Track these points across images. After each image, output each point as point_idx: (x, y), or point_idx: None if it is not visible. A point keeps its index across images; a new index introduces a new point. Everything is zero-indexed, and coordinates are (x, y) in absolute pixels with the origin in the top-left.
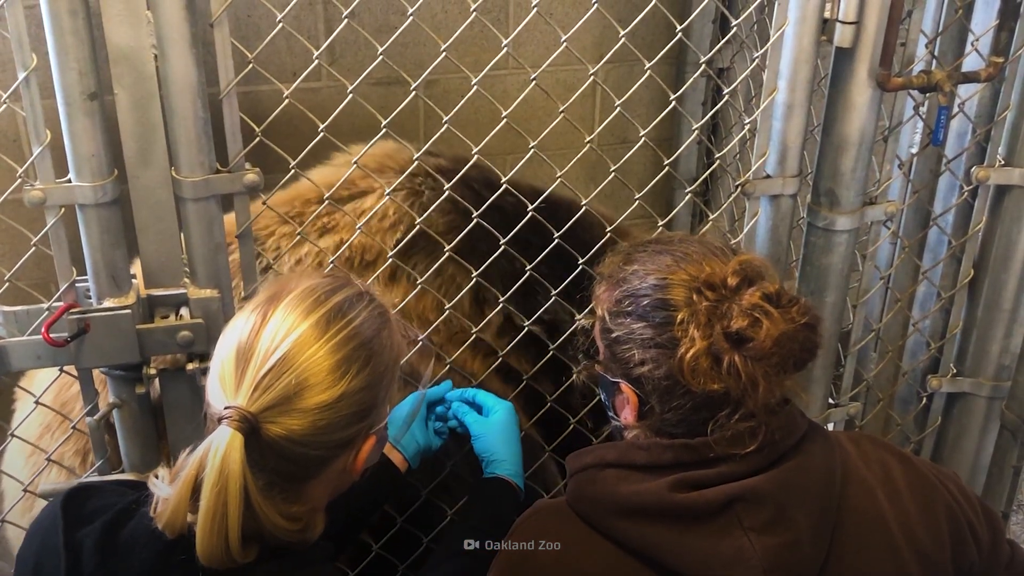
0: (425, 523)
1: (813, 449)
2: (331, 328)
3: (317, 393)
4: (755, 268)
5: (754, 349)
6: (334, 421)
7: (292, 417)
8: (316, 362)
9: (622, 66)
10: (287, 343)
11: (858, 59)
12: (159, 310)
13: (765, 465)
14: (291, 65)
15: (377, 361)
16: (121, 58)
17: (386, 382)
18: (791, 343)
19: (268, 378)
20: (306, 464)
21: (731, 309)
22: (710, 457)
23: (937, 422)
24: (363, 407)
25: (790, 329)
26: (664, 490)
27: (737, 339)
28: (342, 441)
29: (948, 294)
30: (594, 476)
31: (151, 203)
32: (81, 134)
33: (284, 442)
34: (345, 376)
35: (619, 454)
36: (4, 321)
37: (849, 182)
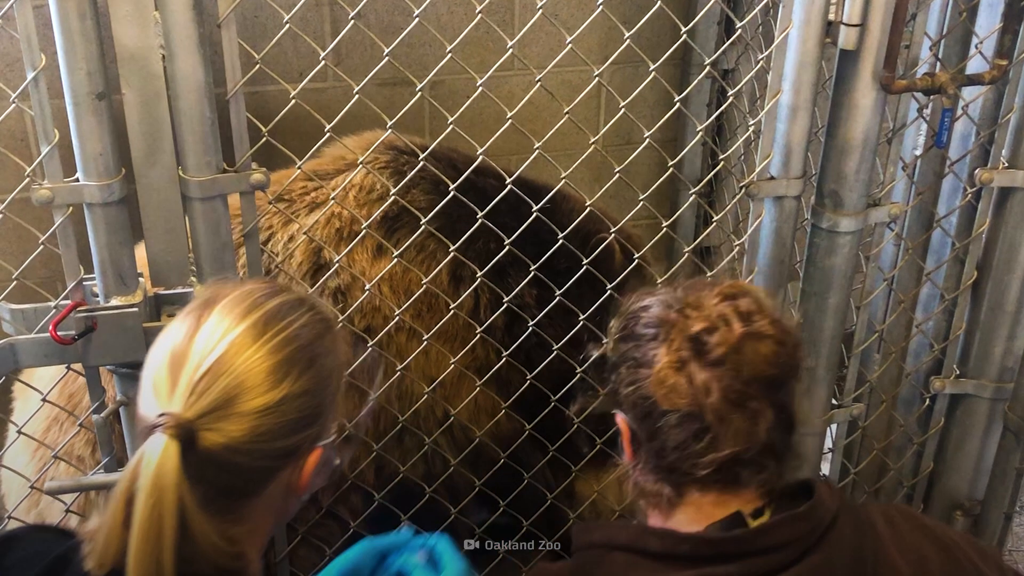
0: None
1: (842, 539)
2: (268, 330)
3: (257, 396)
4: (743, 290)
5: (710, 356)
6: (276, 427)
7: (231, 422)
8: (254, 364)
9: (627, 67)
10: (223, 345)
11: (862, 61)
12: (166, 308)
13: (789, 562)
14: (297, 65)
15: (320, 366)
16: (129, 58)
17: (331, 390)
18: (751, 354)
19: (204, 382)
20: (247, 476)
21: (697, 318)
22: (731, 553)
23: (940, 423)
24: (307, 414)
25: (749, 338)
26: None
27: (695, 344)
28: (285, 450)
29: (951, 296)
30: (601, 557)
31: (158, 202)
32: (89, 133)
33: (223, 451)
34: (286, 379)
35: (631, 538)
36: (12, 319)
37: (853, 184)
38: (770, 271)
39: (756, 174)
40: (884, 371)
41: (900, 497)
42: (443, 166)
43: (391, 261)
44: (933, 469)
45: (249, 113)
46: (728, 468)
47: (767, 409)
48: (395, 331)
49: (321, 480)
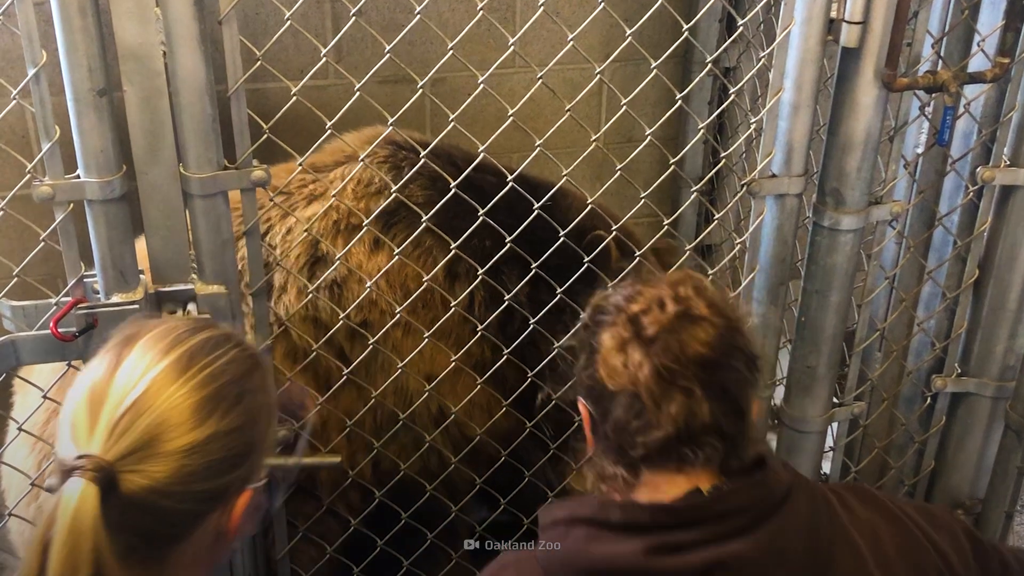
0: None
1: (798, 508)
2: (192, 367)
3: (180, 435)
4: (689, 277)
5: (644, 335)
6: (202, 467)
7: (154, 463)
8: (177, 401)
9: (628, 65)
10: (144, 382)
11: (864, 59)
12: (167, 305)
13: (747, 526)
14: (298, 63)
15: (248, 403)
16: (130, 55)
17: (260, 428)
18: (684, 335)
19: (124, 421)
20: (172, 521)
21: (638, 301)
22: (689, 520)
23: (941, 422)
24: (235, 453)
25: (682, 319)
26: (640, 554)
27: (633, 325)
28: (213, 492)
29: (953, 294)
30: (565, 534)
31: (159, 199)
32: (90, 130)
33: (146, 494)
34: (211, 416)
35: (592, 511)
36: (13, 316)
37: (854, 182)
38: (771, 269)
39: (758, 172)
40: (885, 369)
41: (901, 495)
42: (442, 162)
43: (389, 256)
44: (934, 468)
45: (250, 110)
46: (671, 448)
47: (704, 390)
48: (391, 329)
49: (251, 526)
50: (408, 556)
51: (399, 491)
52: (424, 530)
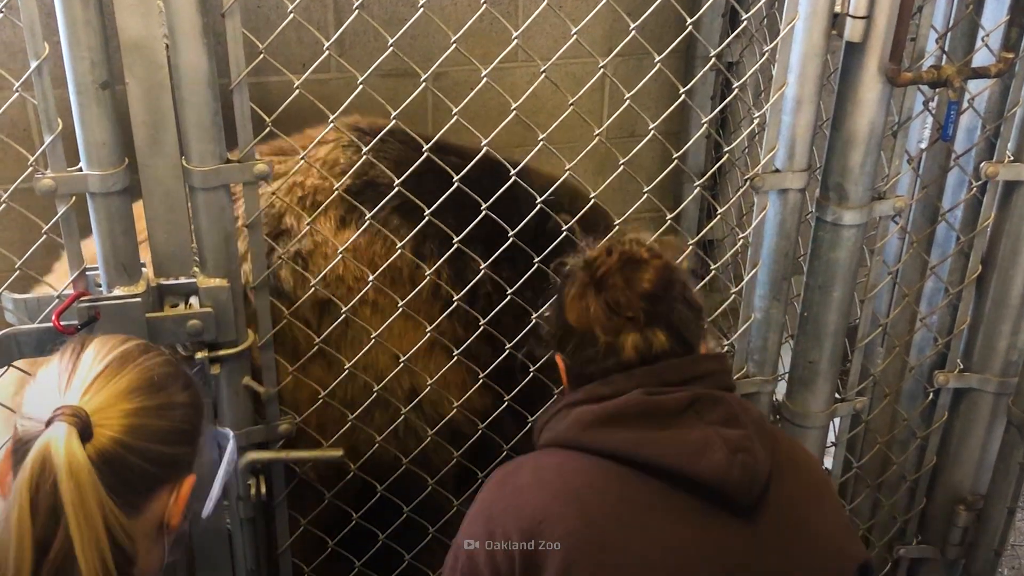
0: None
1: (747, 402)
2: (150, 351)
3: (147, 395)
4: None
5: (597, 276)
6: (163, 429)
7: (124, 417)
8: (143, 370)
9: (631, 59)
10: (113, 355)
11: (868, 54)
12: (169, 299)
13: (723, 387)
14: (300, 56)
15: (194, 390)
16: (133, 48)
17: (203, 419)
18: (629, 272)
19: (98, 381)
20: (135, 481)
21: (593, 253)
22: (667, 380)
23: (943, 418)
24: (189, 427)
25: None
26: (637, 395)
27: (588, 270)
28: (169, 459)
29: (956, 290)
30: (567, 413)
31: (161, 192)
32: (92, 123)
33: (116, 447)
34: (170, 387)
35: (587, 393)
36: (14, 308)
37: (858, 177)
38: (774, 264)
39: (761, 167)
40: (888, 365)
41: (903, 491)
42: (407, 147)
43: (357, 231)
44: (936, 463)
45: (251, 103)
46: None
47: (652, 321)
48: (359, 304)
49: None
50: (401, 544)
51: (378, 475)
52: (423, 522)
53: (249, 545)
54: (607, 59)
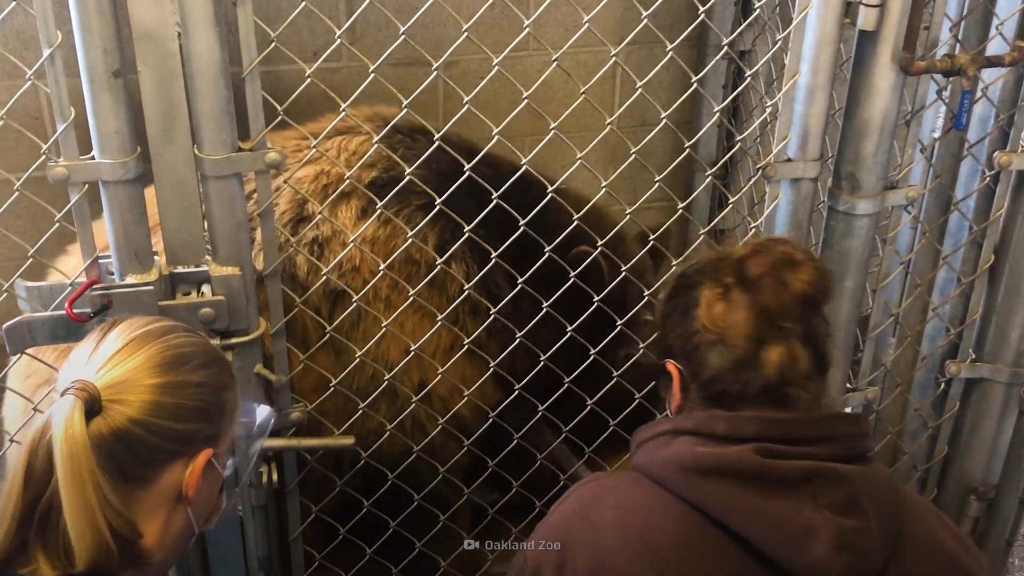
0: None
1: (879, 468)
2: (176, 331)
3: (162, 373)
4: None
5: (750, 277)
6: (175, 406)
7: (135, 393)
8: (162, 348)
9: (643, 48)
10: (136, 333)
11: (881, 42)
12: (181, 287)
13: (842, 457)
14: (311, 45)
15: (218, 370)
16: (145, 36)
17: (228, 401)
18: (788, 275)
19: (116, 357)
20: (143, 456)
21: (739, 249)
22: (791, 435)
23: (955, 408)
24: (204, 405)
25: (786, 262)
26: (749, 452)
27: (738, 269)
28: (179, 434)
29: (968, 279)
30: (669, 441)
31: (174, 181)
32: (105, 111)
33: (125, 422)
34: (188, 365)
35: (697, 423)
36: (27, 296)
37: (871, 166)
38: None
39: (773, 156)
40: (899, 355)
41: (914, 481)
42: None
43: (375, 226)
44: (947, 453)
45: (263, 92)
46: (776, 388)
47: (803, 333)
48: (372, 299)
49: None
50: (406, 535)
51: (384, 468)
52: (432, 509)
53: (260, 532)
54: (619, 48)
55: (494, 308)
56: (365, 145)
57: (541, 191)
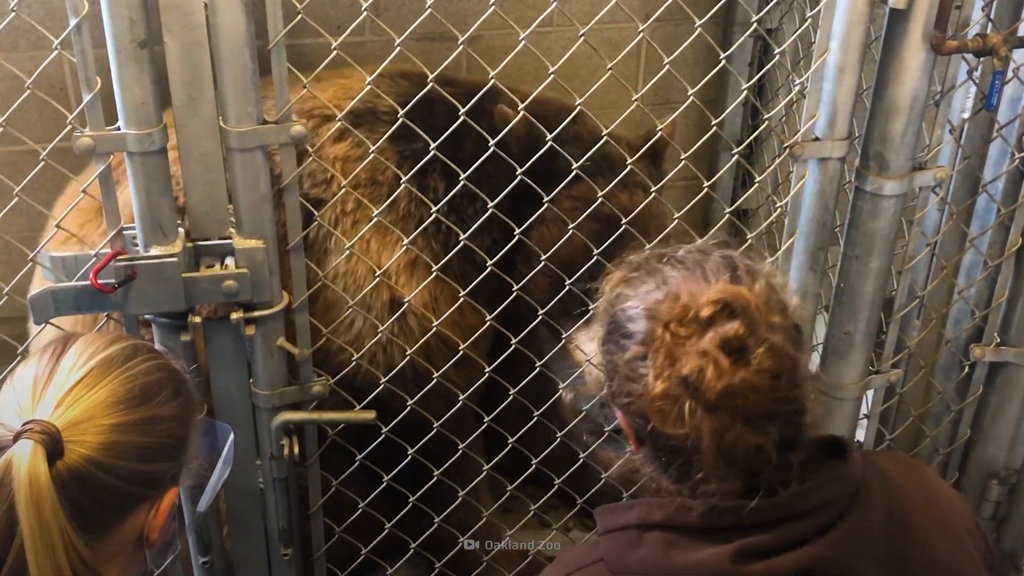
0: None
1: (872, 498)
2: (138, 355)
3: (128, 409)
4: (740, 301)
5: (703, 398)
6: (138, 447)
7: (99, 434)
8: (126, 379)
9: (668, 25)
10: (95, 360)
11: (912, 21)
12: (205, 259)
13: (830, 522)
14: (335, 18)
15: (186, 398)
16: (171, 6)
17: (192, 432)
18: (749, 394)
19: (71, 396)
20: (107, 501)
21: (689, 351)
22: (773, 519)
23: (979, 391)
24: (173, 441)
25: (743, 381)
26: (727, 562)
27: (686, 386)
28: (147, 477)
29: (995, 262)
30: (638, 538)
31: (198, 153)
32: (130, 82)
33: (86, 465)
34: (156, 398)
35: (667, 515)
36: (52, 266)
37: (899, 147)
38: (812, 234)
39: (800, 135)
40: (924, 337)
41: (936, 465)
42: (413, 85)
43: (349, 146)
44: (970, 437)
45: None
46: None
47: (769, 439)
48: (341, 216)
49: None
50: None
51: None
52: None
53: (281, 505)
54: (647, 24)
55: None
56: (353, 83)
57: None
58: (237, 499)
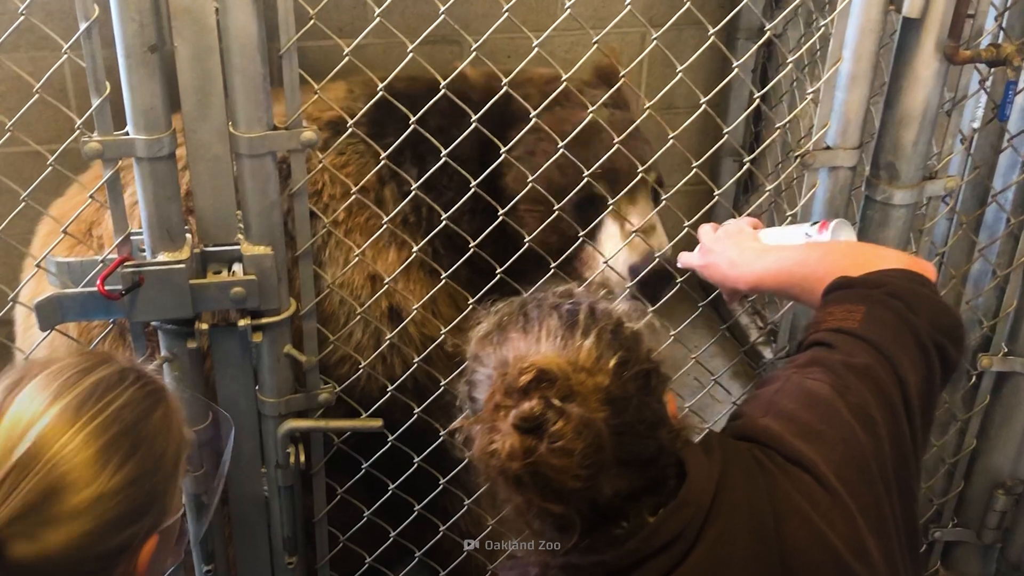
0: None
1: (735, 500)
2: (84, 414)
3: (75, 493)
4: (551, 370)
5: (510, 475)
6: (100, 527)
7: (47, 528)
8: (69, 455)
9: (670, 32)
10: (32, 434)
11: (926, 30)
12: (212, 265)
13: (685, 551)
14: (337, 20)
15: (149, 448)
16: (182, 11)
17: (165, 471)
18: (546, 471)
19: (11, 479)
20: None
21: (499, 426)
22: (629, 565)
23: (986, 401)
24: (137, 504)
25: (539, 457)
26: None
27: (500, 470)
28: (114, 549)
29: (1004, 272)
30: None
31: (208, 158)
32: (140, 87)
33: (38, 562)
34: (106, 468)
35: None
36: (57, 272)
37: (910, 156)
38: None
39: (812, 143)
40: None
41: (941, 474)
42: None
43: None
44: (976, 447)
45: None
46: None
47: (573, 508)
48: (333, 225)
49: (161, 567)
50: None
51: (372, 403)
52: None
53: (286, 513)
54: (659, 32)
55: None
56: (334, 94)
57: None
58: (242, 507)
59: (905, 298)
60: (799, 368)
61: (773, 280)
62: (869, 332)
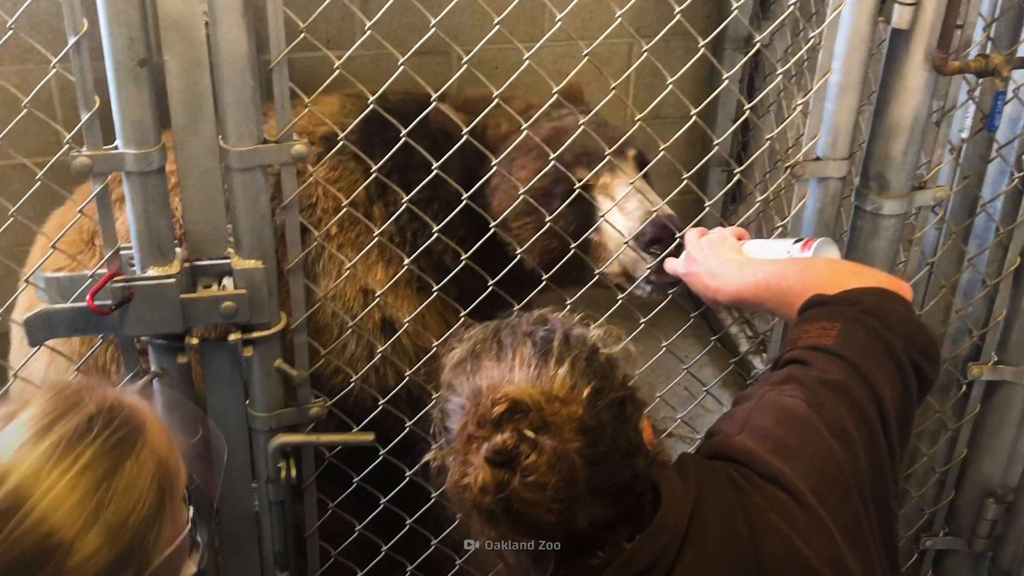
0: None
1: (709, 523)
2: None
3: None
4: (524, 400)
5: (483, 510)
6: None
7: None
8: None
9: (658, 42)
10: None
11: (915, 41)
12: (202, 280)
13: (664, 574)
14: (325, 32)
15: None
16: (172, 24)
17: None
18: (519, 505)
19: None
20: None
21: (471, 459)
22: None
23: (976, 410)
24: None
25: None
26: None
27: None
28: None
29: (993, 282)
30: None
31: (198, 172)
32: (129, 101)
33: None
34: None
35: None
36: (47, 287)
37: (900, 166)
38: None
39: (802, 154)
40: None
41: (932, 483)
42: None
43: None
44: (966, 456)
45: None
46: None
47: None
48: (326, 239)
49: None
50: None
51: (364, 414)
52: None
53: (277, 528)
54: (651, 43)
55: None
56: (328, 108)
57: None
58: (232, 522)
59: (880, 316)
60: (774, 385)
61: (751, 293)
62: (844, 349)
